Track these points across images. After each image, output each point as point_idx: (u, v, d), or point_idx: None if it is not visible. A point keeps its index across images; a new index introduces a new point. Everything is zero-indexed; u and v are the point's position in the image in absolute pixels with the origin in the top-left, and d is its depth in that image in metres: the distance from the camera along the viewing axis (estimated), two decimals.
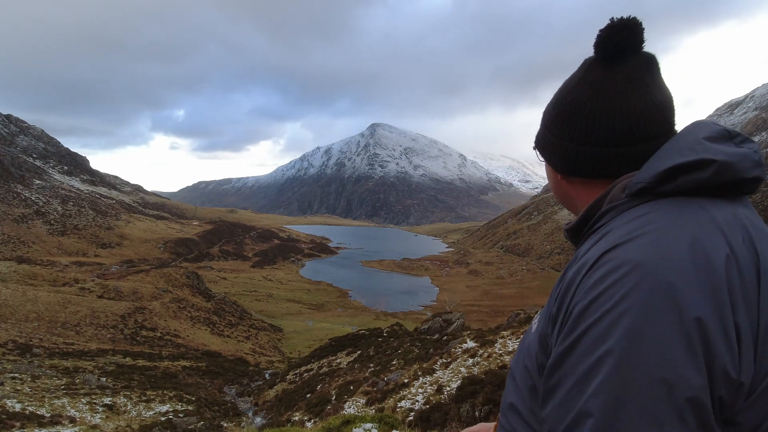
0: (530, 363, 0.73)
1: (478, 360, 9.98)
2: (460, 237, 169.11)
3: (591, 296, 0.59)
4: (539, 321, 0.76)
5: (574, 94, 0.75)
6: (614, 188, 0.72)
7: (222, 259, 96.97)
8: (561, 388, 0.58)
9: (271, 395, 20.38)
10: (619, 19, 0.71)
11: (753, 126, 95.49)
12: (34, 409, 14.30)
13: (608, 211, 0.70)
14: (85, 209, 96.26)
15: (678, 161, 0.65)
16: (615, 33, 0.71)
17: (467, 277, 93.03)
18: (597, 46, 0.73)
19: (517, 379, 0.77)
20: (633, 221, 0.64)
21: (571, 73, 0.79)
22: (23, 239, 74.57)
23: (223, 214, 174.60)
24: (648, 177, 0.67)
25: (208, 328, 42.77)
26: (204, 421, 15.71)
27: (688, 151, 0.66)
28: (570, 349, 0.58)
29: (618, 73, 0.72)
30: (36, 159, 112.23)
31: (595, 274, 0.60)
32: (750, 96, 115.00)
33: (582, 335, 0.57)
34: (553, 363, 0.61)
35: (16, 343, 26.16)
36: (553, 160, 0.81)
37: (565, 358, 0.59)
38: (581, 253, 0.67)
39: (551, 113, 0.80)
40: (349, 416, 5.89)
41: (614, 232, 0.64)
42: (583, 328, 0.58)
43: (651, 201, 0.66)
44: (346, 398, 12.20)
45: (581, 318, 0.59)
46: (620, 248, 0.60)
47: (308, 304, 65.50)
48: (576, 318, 0.59)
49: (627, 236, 0.61)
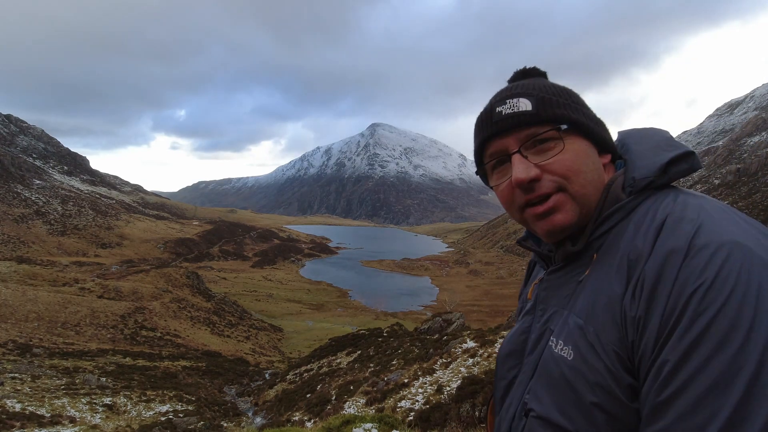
0: (601, 394, 0.63)
1: (478, 360, 9.98)
2: (460, 237, 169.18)
3: (707, 279, 0.56)
4: (579, 345, 0.67)
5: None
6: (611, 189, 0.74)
7: (222, 259, 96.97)
8: (703, 380, 0.53)
9: (271, 395, 20.38)
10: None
11: (753, 126, 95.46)
12: (34, 409, 14.30)
13: (616, 211, 0.72)
14: (85, 209, 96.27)
15: (674, 154, 0.72)
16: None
17: (467, 277, 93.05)
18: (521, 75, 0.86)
19: (567, 425, 0.66)
20: (678, 207, 0.66)
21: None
22: (23, 239, 74.57)
23: (223, 214, 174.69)
24: (652, 172, 0.72)
25: (208, 328, 42.78)
26: (204, 421, 15.70)
27: (670, 147, 0.74)
28: (702, 338, 0.54)
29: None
30: (36, 159, 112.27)
31: (696, 260, 0.58)
32: (750, 96, 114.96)
33: (716, 317, 0.54)
34: (679, 361, 0.55)
35: (16, 343, 26.16)
36: (606, 137, 0.80)
37: (697, 349, 0.54)
38: (638, 251, 0.64)
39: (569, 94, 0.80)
40: (349, 416, 5.89)
41: (677, 220, 0.64)
42: (715, 309, 0.54)
43: (653, 194, 0.71)
44: (346, 398, 12.19)
45: (705, 302, 0.55)
46: (703, 232, 0.60)
47: (308, 304, 65.50)
48: (698, 304, 0.55)
49: (696, 221, 0.62)
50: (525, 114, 0.75)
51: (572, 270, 0.76)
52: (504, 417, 0.81)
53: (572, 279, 0.75)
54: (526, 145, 0.75)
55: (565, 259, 0.78)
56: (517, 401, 0.78)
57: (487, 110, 0.80)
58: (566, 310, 0.73)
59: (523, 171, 0.73)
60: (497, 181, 0.80)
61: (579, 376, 0.65)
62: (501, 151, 0.78)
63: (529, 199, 0.74)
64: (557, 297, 0.77)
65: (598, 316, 0.66)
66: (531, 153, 0.74)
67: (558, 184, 0.73)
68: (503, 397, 0.83)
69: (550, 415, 0.68)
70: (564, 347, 0.69)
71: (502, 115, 0.76)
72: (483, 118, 0.81)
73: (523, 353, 0.81)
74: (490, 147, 0.80)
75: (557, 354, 0.70)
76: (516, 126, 0.75)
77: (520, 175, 0.73)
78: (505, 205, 0.80)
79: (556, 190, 0.73)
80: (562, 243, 0.78)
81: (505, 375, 0.84)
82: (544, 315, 0.79)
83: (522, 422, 0.75)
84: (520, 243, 0.92)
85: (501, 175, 0.79)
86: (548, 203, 0.73)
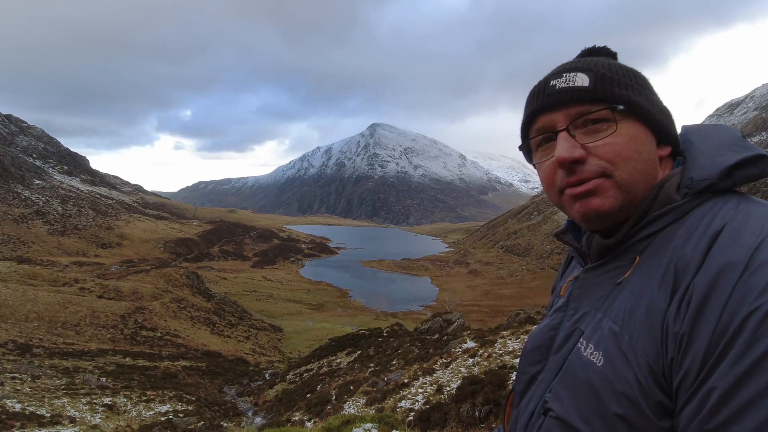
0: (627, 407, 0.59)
1: (478, 360, 9.98)
2: (460, 237, 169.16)
3: (764, 303, 0.50)
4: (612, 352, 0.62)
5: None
6: (664, 188, 0.68)
7: (222, 259, 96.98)
8: (754, 413, 0.48)
9: (271, 395, 20.39)
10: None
11: (753, 126, 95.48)
12: (34, 409, 14.30)
13: (666, 212, 0.66)
14: (85, 209, 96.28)
15: (739, 157, 0.64)
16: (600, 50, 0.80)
17: (467, 277, 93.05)
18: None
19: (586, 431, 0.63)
20: (741, 217, 0.59)
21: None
22: (23, 239, 74.57)
23: (223, 214, 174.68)
24: (714, 174, 0.65)
25: (208, 328, 42.79)
26: (204, 421, 15.71)
27: (739, 148, 0.66)
28: (761, 364, 0.49)
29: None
30: (36, 159, 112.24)
31: (758, 278, 0.52)
32: (750, 96, 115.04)
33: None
34: (730, 388, 0.50)
35: (16, 343, 26.15)
36: (670, 127, 0.73)
37: (754, 375, 0.49)
38: (688, 260, 0.58)
39: (638, 78, 0.73)
40: (349, 416, 5.90)
41: (737, 232, 0.57)
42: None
43: (711, 198, 0.64)
44: (346, 398, 12.20)
45: (764, 328, 0.49)
46: (766, 248, 0.54)
47: (308, 304, 65.50)
48: (758, 325, 0.50)
49: (760, 233, 0.56)
50: (580, 90, 0.69)
51: (611, 270, 0.71)
52: (523, 412, 0.78)
53: (610, 280, 0.70)
54: (576, 123, 0.69)
55: (601, 255, 0.73)
56: (537, 398, 0.75)
57: (541, 82, 0.75)
58: (600, 312, 0.69)
59: (567, 150, 0.68)
60: (540, 159, 0.75)
61: (606, 385, 0.62)
62: (548, 127, 0.73)
63: (569, 181, 0.69)
64: (591, 297, 0.72)
65: (636, 324, 0.61)
66: (580, 132, 0.69)
67: (603, 169, 0.67)
68: (524, 391, 0.80)
69: (570, 418, 0.65)
70: (594, 352, 0.65)
71: (556, 88, 0.71)
72: (535, 91, 0.76)
73: (549, 350, 0.77)
74: (537, 121, 0.75)
75: (586, 358, 0.66)
76: (568, 101, 0.70)
77: (563, 154, 0.68)
78: (545, 186, 0.75)
79: (600, 176, 0.67)
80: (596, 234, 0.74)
81: (527, 369, 0.80)
82: (575, 314, 0.75)
83: (540, 420, 0.72)
84: (558, 236, 0.86)
85: (545, 153, 0.74)
86: (587, 185, 0.67)
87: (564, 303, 0.79)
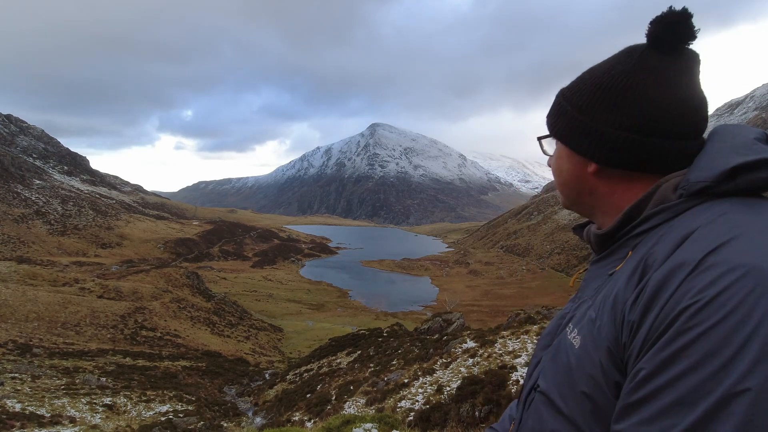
0: (591, 385, 0.65)
1: (478, 360, 9.97)
2: (460, 237, 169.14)
3: (705, 298, 0.54)
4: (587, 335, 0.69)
5: (632, 79, 0.71)
6: (661, 188, 0.69)
7: (222, 259, 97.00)
8: (668, 394, 0.53)
9: (271, 395, 20.39)
10: (680, 8, 0.68)
11: (753, 126, 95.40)
12: (34, 409, 14.30)
13: (659, 212, 0.68)
14: (85, 209, 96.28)
15: (741, 160, 0.63)
16: (676, 22, 0.68)
17: (467, 277, 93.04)
18: (658, 33, 0.70)
19: (562, 406, 0.70)
20: (718, 222, 0.60)
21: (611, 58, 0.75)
22: (23, 239, 74.57)
23: (223, 214, 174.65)
24: (711, 176, 0.65)
25: (208, 328, 42.78)
26: (204, 421, 15.71)
27: (746, 151, 0.65)
28: (680, 355, 0.53)
29: (675, 63, 0.70)
30: (36, 159, 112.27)
31: (701, 278, 0.55)
32: (750, 96, 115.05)
33: (699, 337, 0.52)
34: (653, 371, 0.55)
35: (16, 343, 26.15)
36: (591, 149, 0.74)
37: (672, 364, 0.54)
38: (657, 256, 0.62)
39: (592, 97, 0.74)
40: (349, 416, 5.89)
41: (704, 234, 0.59)
42: (699, 331, 0.53)
43: (709, 201, 0.65)
44: (346, 398, 12.20)
45: (694, 320, 0.53)
46: (724, 250, 0.56)
47: (308, 304, 65.49)
48: (686, 321, 0.54)
49: (724, 237, 0.57)
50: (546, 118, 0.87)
51: (608, 263, 0.76)
52: (525, 388, 0.86)
53: (605, 272, 0.75)
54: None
55: (601, 248, 0.79)
56: (534, 378, 0.83)
57: None
58: (591, 301, 0.74)
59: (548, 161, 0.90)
60: None
61: (579, 365, 0.68)
62: None
63: None
64: (590, 287, 0.79)
65: (605, 312, 0.67)
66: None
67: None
68: (531, 372, 0.88)
69: (551, 393, 0.73)
70: (576, 336, 0.72)
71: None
72: None
73: (555, 335, 0.84)
74: None
75: (569, 341, 0.73)
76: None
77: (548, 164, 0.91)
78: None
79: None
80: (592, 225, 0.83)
81: (538, 353, 0.88)
82: (576, 302, 0.82)
83: (532, 395, 0.80)
84: (574, 229, 0.96)
85: None
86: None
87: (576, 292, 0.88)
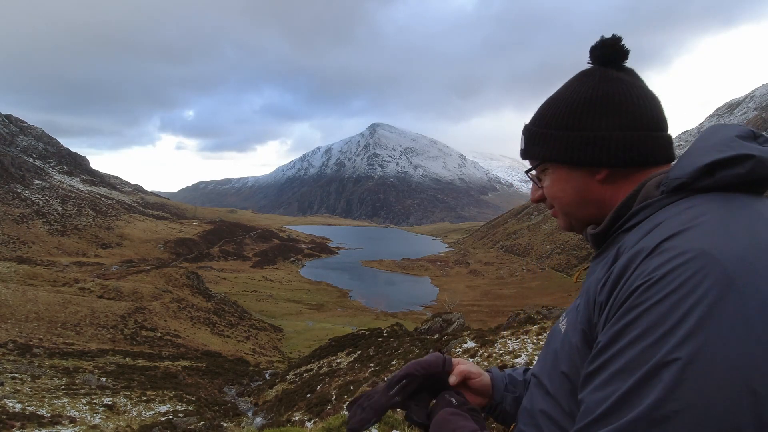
0: (569, 366, 0.73)
1: (478, 360, 9.97)
2: (460, 237, 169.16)
3: (654, 277, 0.58)
4: (570, 321, 0.77)
5: (606, 88, 0.78)
6: (645, 186, 0.74)
7: (222, 259, 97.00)
8: (615, 363, 0.59)
9: (271, 395, 20.38)
10: (613, 35, 0.82)
11: (753, 126, 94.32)
12: (34, 409, 14.30)
13: (643, 208, 0.72)
14: (85, 209, 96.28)
15: (718, 156, 0.66)
16: (615, 44, 0.80)
17: (467, 277, 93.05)
18: (606, 53, 0.80)
19: (548, 386, 0.77)
20: (683, 213, 0.64)
21: (570, 83, 0.83)
22: (23, 239, 74.57)
23: (223, 214, 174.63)
24: (687, 172, 0.68)
25: (208, 328, 42.78)
26: (204, 421, 15.70)
27: (724, 147, 0.68)
28: (628, 327, 0.59)
29: (628, 73, 0.80)
30: (36, 159, 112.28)
31: (654, 260, 0.60)
32: (750, 96, 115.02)
33: (645, 312, 0.57)
34: (606, 343, 0.61)
35: (16, 343, 26.16)
36: (598, 156, 0.78)
37: (621, 336, 0.59)
38: (627, 245, 0.68)
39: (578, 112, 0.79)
40: None
41: (666, 224, 0.64)
42: (646, 306, 0.58)
43: (689, 197, 0.68)
44: (346, 398, 12.19)
45: (643, 297, 0.59)
46: (679, 237, 0.61)
47: (308, 304, 65.49)
48: (637, 297, 0.59)
49: (683, 226, 0.62)
50: (522, 152, 0.90)
51: (603, 259, 0.79)
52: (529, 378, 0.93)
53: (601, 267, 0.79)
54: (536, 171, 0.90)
55: (597, 246, 0.83)
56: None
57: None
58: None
59: (533, 194, 0.92)
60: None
61: (562, 348, 0.76)
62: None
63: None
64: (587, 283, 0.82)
65: (584, 298, 0.74)
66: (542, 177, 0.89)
67: (551, 204, 0.88)
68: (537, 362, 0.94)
69: (541, 376, 0.81)
70: (563, 323, 0.81)
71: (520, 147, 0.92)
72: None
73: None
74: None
75: (558, 327, 0.83)
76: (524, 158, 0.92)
77: (532, 196, 0.94)
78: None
79: (552, 206, 0.88)
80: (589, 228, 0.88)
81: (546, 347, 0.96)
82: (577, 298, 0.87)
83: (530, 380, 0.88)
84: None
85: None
86: (552, 212, 0.90)
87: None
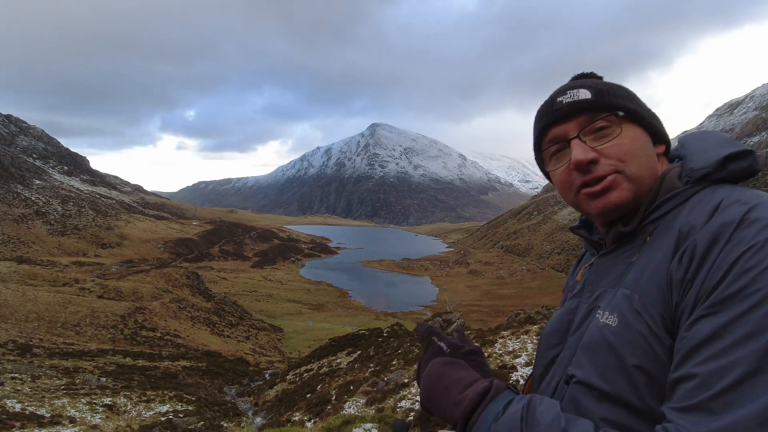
0: (641, 356, 0.67)
1: None
2: (460, 237, 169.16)
3: (759, 242, 0.60)
4: (628, 311, 0.71)
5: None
6: (666, 177, 0.78)
7: (222, 259, 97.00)
8: (737, 328, 0.56)
9: (271, 395, 20.38)
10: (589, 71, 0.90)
11: (753, 126, 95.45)
12: (34, 409, 14.29)
13: (671, 197, 0.75)
14: (85, 209, 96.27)
15: (733, 150, 0.75)
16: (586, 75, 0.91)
17: (467, 277, 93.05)
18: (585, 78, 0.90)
19: (607, 389, 0.70)
20: (733, 195, 0.69)
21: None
22: (23, 239, 74.56)
23: (223, 214, 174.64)
24: (710, 164, 0.75)
25: (208, 328, 42.77)
26: (204, 421, 15.70)
27: (730, 145, 0.77)
28: (744, 291, 0.58)
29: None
30: (36, 159, 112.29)
31: (750, 229, 0.62)
32: (750, 96, 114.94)
33: (763, 272, 0.57)
34: (716, 311, 0.59)
35: (16, 343, 26.16)
36: (664, 131, 0.85)
37: (736, 300, 0.58)
38: (692, 224, 0.69)
39: (638, 102, 0.84)
40: (349, 416, 5.89)
41: (731, 203, 0.67)
42: (762, 267, 0.58)
43: (709, 186, 0.74)
44: (346, 398, 12.19)
45: (754, 260, 0.59)
46: (758, 209, 0.64)
47: (308, 304, 65.49)
48: (746, 262, 0.59)
49: (752, 203, 0.66)
50: (585, 101, 0.81)
51: (624, 252, 0.79)
52: (545, 391, 0.84)
53: (624, 261, 0.78)
54: (585, 130, 0.80)
55: (616, 241, 0.81)
56: (558, 376, 0.81)
57: (548, 101, 0.87)
58: (615, 288, 0.76)
59: (582, 153, 0.78)
60: (555, 166, 0.86)
61: (622, 341, 0.69)
62: (560, 137, 0.84)
63: (586, 181, 0.79)
64: (607, 278, 0.80)
65: (645, 284, 0.70)
66: (589, 138, 0.80)
67: (614, 167, 0.77)
68: (543, 374, 0.86)
69: (591, 379, 0.72)
70: (609, 316, 0.73)
71: (563, 103, 0.83)
72: (544, 108, 0.87)
73: (566, 333, 0.84)
74: (549, 134, 0.86)
75: (602, 323, 0.74)
76: (575, 113, 0.82)
77: (579, 157, 0.78)
78: (561, 189, 0.85)
79: (612, 172, 0.77)
80: (614, 225, 0.82)
81: (546, 354, 0.87)
82: (591, 296, 0.82)
83: (563, 390, 0.77)
84: (573, 230, 0.97)
85: (558, 161, 0.85)
86: (604, 182, 0.77)
87: (580, 288, 0.88)
